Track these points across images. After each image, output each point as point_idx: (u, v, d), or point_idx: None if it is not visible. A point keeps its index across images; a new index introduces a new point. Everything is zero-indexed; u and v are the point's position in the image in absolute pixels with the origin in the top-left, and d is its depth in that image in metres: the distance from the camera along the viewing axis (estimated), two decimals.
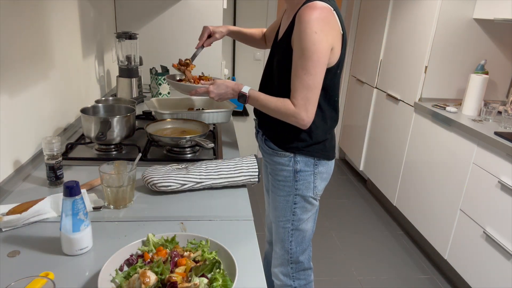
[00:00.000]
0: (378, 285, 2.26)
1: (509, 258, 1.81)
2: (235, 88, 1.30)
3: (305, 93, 1.19)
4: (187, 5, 2.51)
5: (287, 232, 1.45)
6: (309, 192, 1.39)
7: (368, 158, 3.38)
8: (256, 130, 1.51)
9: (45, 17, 1.40)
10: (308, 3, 1.18)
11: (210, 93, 1.32)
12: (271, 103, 1.25)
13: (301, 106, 1.20)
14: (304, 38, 1.15)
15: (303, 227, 1.44)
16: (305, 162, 1.35)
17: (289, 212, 1.42)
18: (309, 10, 1.15)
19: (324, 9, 1.16)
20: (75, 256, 0.86)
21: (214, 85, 1.31)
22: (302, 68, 1.17)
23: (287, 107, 1.22)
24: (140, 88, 2.16)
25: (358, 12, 3.66)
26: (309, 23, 1.14)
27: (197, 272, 0.75)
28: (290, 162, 1.36)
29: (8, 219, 0.93)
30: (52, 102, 1.48)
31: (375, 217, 3.02)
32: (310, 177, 1.37)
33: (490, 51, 2.51)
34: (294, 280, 1.51)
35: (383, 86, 3.11)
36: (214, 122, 1.73)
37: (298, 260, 1.49)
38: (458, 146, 2.19)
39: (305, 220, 1.44)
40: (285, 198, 1.41)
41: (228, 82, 1.31)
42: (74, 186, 0.83)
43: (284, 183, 1.39)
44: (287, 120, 1.25)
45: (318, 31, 1.15)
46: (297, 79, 1.19)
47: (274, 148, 1.38)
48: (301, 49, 1.16)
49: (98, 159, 1.38)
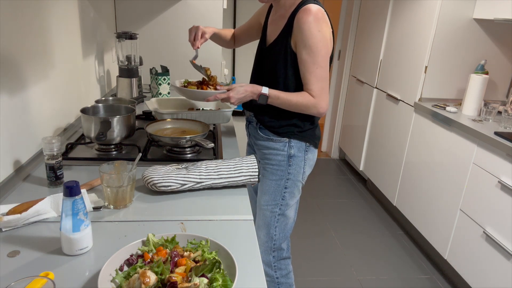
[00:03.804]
0: (378, 285, 2.26)
1: (509, 258, 1.81)
2: (254, 90, 1.36)
3: (320, 84, 1.33)
4: (187, 5, 2.51)
5: (274, 217, 1.54)
6: (299, 177, 1.51)
7: (368, 158, 3.38)
8: (248, 121, 1.59)
9: (45, 17, 1.40)
10: (304, 6, 1.31)
11: (231, 98, 1.35)
12: (293, 98, 1.35)
13: (320, 96, 1.34)
14: (310, 37, 1.29)
15: (288, 214, 1.55)
16: (298, 147, 1.47)
17: (279, 196, 1.51)
18: (308, 13, 1.29)
19: (320, 10, 1.31)
20: (75, 256, 0.86)
21: (233, 91, 1.35)
22: (313, 63, 1.31)
23: (307, 99, 1.35)
24: (140, 88, 2.16)
25: (358, 12, 3.66)
26: (312, 23, 1.28)
27: (197, 272, 0.75)
28: (285, 147, 1.46)
29: (8, 219, 0.93)
30: (52, 102, 1.48)
31: (375, 217, 3.02)
32: (301, 162, 1.49)
33: (490, 51, 2.51)
34: (276, 271, 1.60)
35: (383, 86, 3.11)
36: (214, 122, 1.73)
37: (280, 247, 1.57)
38: (458, 146, 2.19)
39: (291, 206, 1.54)
40: (276, 182, 1.50)
41: (245, 86, 1.36)
42: (74, 186, 0.83)
43: (277, 167, 1.49)
44: (307, 111, 1.38)
45: (321, 29, 1.30)
46: (310, 73, 1.33)
47: (269, 135, 1.48)
48: (309, 46, 1.30)
49: (98, 159, 1.37)
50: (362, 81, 3.48)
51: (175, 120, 1.58)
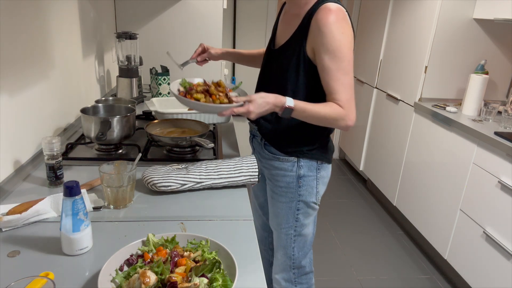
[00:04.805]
0: (378, 285, 2.26)
1: (509, 258, 1.81)
2: (277, 102, 1.14)
3: (348, 92, 1.17)
4: (187, 5, 2.51)
5: (290, 239, 1.42)
6: (312, 198, 1.37)
7: (368, 158, 3.37)
8: (252, 134, 1.46)
9: (45, 17, 1.40)
10: (322, 5, 1.16)
11: (251, 113, 1.12)
12: (320, 111, 1.16)
13: (348, 107, 1.17)
14: (333, 40, 1.14)
15: (305, 232, 1.42)
16: (308, 166, 1.32)
17: (292, 218, 1.38)
18: (329, 12, 1.14)
19: (341, 10, 1.17)
20: (75, 256, 0.86)
21: (254, 104, 1.11)
22: (338, 69, 1.16)
23: (337, 110, 1.16)
24: (140, 88, 2.16)
25: (358, 12, 3.66)
26: (334, 25, 1.13)
27: (197, 272, 0.75)
28: (294, 167, 1.32)
29: (8, 219, 0.93)
30: (52, 102, 1.48)
31: (375, 217, 3.02)
32: (313, 182, 1.34)
33: (490, 51, 2.51)
34: (296, 285, 1.49)
35: (383, 86, 3.11)
36: (214, 122, 1.73)
37: (300, 265, 1.47)
38: (458, 146, 2.19)
39: (307, 225, 1.42)
40: (287, 204, 1.37)
41: (267, 97, 1.13)
42: (74, 186, 0.83)
43: (286, 189, 1.35)
44: (334, 125, 1.21)
45: (344, 31, 1.15)
46: (336, 81, 1.16)
47: (276, 153, 1.33)
48: (332, 51, 1.14)
49: (98, 159, 1.38)
50: (362, 81, 3.48)
51: (175, 120, 1.58)
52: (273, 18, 3.49)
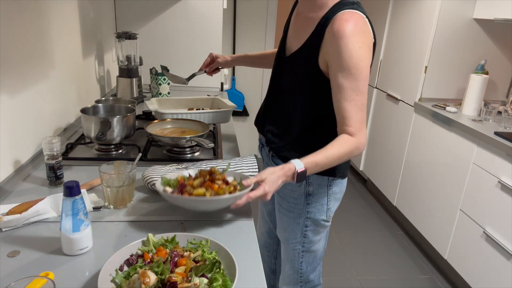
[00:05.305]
0: (378, 285, 2.26)
1: (509, 258, 1.81)
2: (288, 173, 1.01)
3: (360, 114, 1.06)
4: (187, 5, 2.51)
5: (297, 254, 1.34)
6: (322, 215, 1.27)
7: (368, 158, 3.38)
8: (261, 144, 1.40)
9: (45, 17, 1.40)
10: (339, 13, 1.04)
11: (268, 195, 0.98)
12: (333, 154, 1.04)
13: (359, 131, 1.05)
14: (349, 57, 1.01)
15: (314, 248, 1.34)
16: (318, 183, 1.21)
17: (300, 234, 1.30)
18: (345, 23, 1.01)
19: (361, 19, 1.04)
20: (75, 256, 0.86)
21: (268, 184, 0.98)
22: (352, 89, 1.03)
23: (348, 143, 1.05)
24: (140, 88, 2.16)
25: None
26: (351, 38, 1.01)
27: (197, 272, 0.75)
28: (302, 184, 1.22)
29: (8, 219, 0.93)
30: (52, 102, 1.48)
31: (375, 217, 3.02)
32: (323, 199, 1.24)
33: (490, 51, 2.51)
34: None
35: (383, 86, 3.11)
36: (214, 122, 1.73)
37: (308, 279, 1.40)
38: (458, 146, 2.19)
39: (317, 241, 1.33)
40: (295, 220, 1.28)
41: (276, 172, 1.01)
42: (74, 186, 0.83)
43: (294, 205, 1.27)
44: (349, 158, 1.09)
45: (362, 45, 1.02)
46: (349, 102, 1.04)
47: None
48: (347, 68, 1.02)
49: (98, 159, 1.37)
50: None
51: (175, 120, 1.58)
52: (272, 18, 3.49)
